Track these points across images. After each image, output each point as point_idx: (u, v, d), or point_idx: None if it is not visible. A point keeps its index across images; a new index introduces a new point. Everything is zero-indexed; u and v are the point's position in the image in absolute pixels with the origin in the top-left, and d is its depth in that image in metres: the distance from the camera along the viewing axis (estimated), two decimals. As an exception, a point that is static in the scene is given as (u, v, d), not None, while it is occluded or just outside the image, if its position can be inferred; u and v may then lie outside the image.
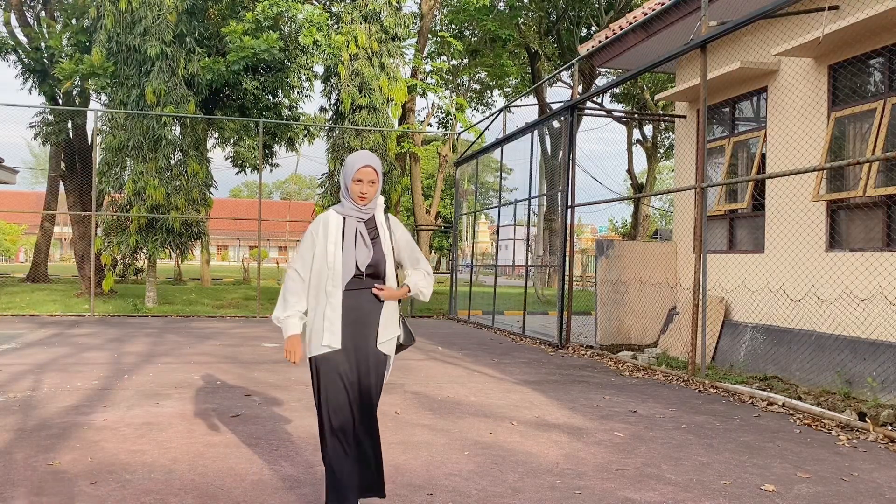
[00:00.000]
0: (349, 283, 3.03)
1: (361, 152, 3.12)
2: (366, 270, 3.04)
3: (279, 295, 3.14)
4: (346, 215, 3.12)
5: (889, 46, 6.33)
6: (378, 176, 3.09)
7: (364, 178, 3.06)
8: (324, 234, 3.10)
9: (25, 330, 10.38)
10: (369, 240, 3.08)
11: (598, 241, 10.44)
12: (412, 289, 3.19)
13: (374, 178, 3.08)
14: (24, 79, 18.42)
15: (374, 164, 3.09)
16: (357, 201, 3.08)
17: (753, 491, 3.76)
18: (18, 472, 3.75)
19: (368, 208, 3.12)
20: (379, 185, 3.12)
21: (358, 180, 3.06)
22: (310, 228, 3.16)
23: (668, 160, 30.66)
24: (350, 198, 3.11)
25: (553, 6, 21.41)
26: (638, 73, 8.88)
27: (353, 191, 3.08)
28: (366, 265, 3.04)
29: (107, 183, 13.91)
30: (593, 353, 9.31)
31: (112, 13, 13.79)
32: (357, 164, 3.06)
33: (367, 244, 3.07)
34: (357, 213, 3.10)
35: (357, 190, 3.07)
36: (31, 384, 6.18)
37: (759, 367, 7.40)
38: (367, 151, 3.17)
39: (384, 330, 3.11)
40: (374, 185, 3.09)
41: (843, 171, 6.86)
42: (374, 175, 3.07)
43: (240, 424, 4.90)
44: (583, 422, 5.28)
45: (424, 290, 3.20)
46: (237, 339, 9.89)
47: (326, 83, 15.94)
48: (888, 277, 6.13)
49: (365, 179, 3.06)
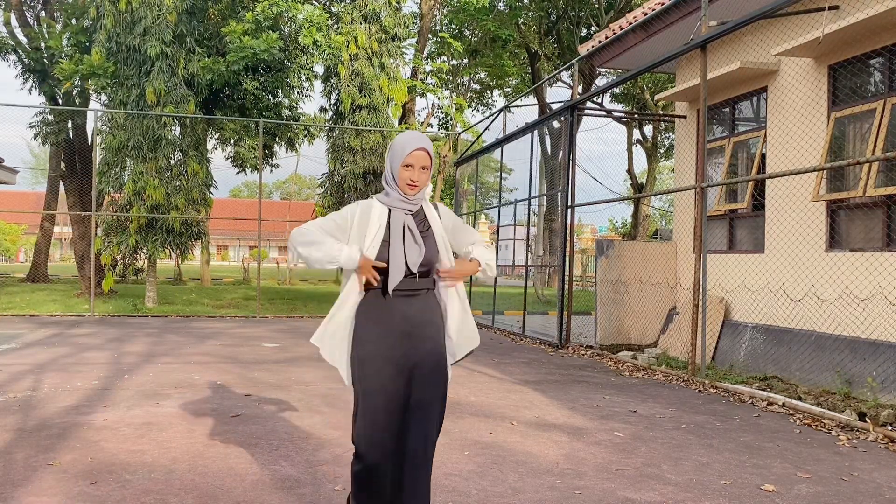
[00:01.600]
0: (400, 286, 2.60)
1: (412, 133, 2.68)
2: (418, 271, 2.63)
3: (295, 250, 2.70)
4: (392, 206, 2.67)
5: (889, 46, 6.33)
6: (431, 161, 2.66)
7: (416, 162, 2.62)
8: (360, 224, 2.67)
9: (25, 330, 10.38)
10: (419, 235, 2.66)
11: (598, 241, 10.44)
12: (481, 262, 2.75)
13: (427, 163, 2.64)
14: (24, 79, 18.44)
15: (428, 146, 2.65)
16: (405, 190, 2.65)
17: (753, 491, 3.76)
18: (18, 472, 3.75)
19: (417, 198, 2.69)
20: (430, 171, 2.69)
21: (408, 165, 2.62)
22: (345, 210, 2.74)
23: (668, 160, 30.66)
24: (396, 186, 2.67)
25: (553, 6, 21.41)
26: (638, 73, 8.88)
27: (402, 177, 2.64)
28: (417, 265, 2.62)
29: (107, 183, 13.91)
30: (593, 353, 9.31)
31: (112, 13, 13.79)
32: (409, 147, 2.62)
33: (418, 240, 2.64)
34: (404, 205, 2.66)
35: (407, 176, 2.63)
36: (31, 384, 6.18)
37: (759, 367, 7.40)
38: (417, 133, 2.73)
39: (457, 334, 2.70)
40: (427, 171, 2.65)
41: (843, 171, 6.86)
42: (426, 159, 2.64)
43: (240, 424, 4.90)
44: (583, 422, 5.28)
45: (492, 262, 2.78)
46: (237, 339, 9.89)
47: (326, 83, 15.95)
48: (888, 277, 6.13)
49: (417, 164, 2.62)
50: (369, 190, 15.05)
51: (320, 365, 7.70)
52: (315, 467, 3.95)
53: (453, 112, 21.28)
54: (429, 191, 2.76)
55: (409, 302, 2.64)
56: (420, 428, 2.60)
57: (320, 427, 4.87)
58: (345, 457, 4.15)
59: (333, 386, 6.46)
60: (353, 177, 14.94)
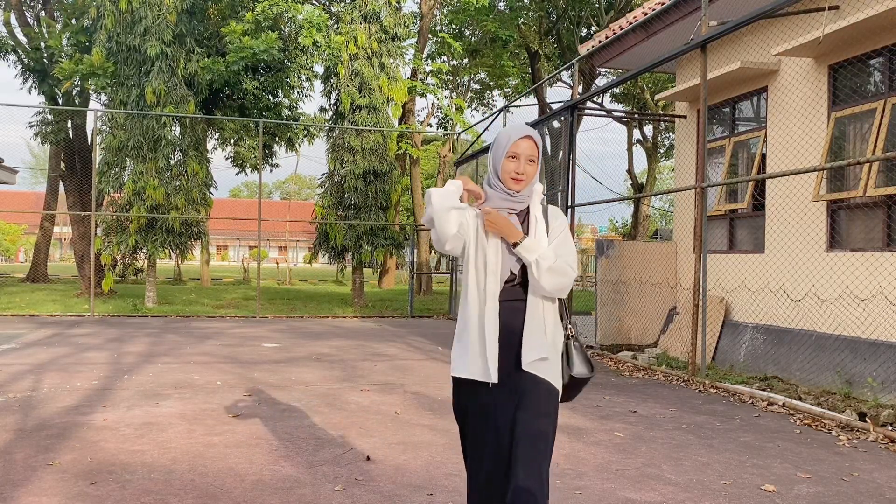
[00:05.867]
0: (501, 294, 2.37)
1: (518, 123, 2.45)
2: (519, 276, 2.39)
3: (438, 220, 2.38)
4: (494, 206, 2.43)
5: (889, 46, 6.33)
6: (539, 153, 2.40)
7: (521, 152, 2.37)
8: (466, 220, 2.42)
9: (25, 330, 10.38)
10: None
11: (598, 241, 10.44)
12: (528, 244, 2.34)
13: (535, 154, 2.38)
14: (24, 79, 18.44)
15: (536, 137, 2.39)
16: (509, 185, 2.39)
17: (753, 491, 3.75)
18: (18, 472, 3.75)
19: (523, 196, 2.42)
20: (538, 165, 2.42)
21: (512, 156, 2.37)
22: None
23: (668, 160, 30.67)
24: (500, 182, 2.41)
25: (553, 6, 21.40)
26: (638, 73, 8.88)
27: (506, 170, 2.38)
28: (519, 268, 2.39)
29: (106, 183, 13.91)
30: (593, 353, 9.31)
31: (112, 13, 13.80)
32: (515, 135, 2.38)
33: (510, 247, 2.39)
34: (507, 203, 2.41)
35: (511, 168, 2.37)
36: (31, 384, 6.17)
37: (760, 367, 7.40)
38: (524, 123, 2.48)
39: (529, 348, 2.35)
40: (534, 164, 2.39)
41: (843, 171, 6.85)
42: (534, 151, 2.38)
43: (240, 424, 4.90)
44: (583, 422, 5.27)
45: (542, 259, 2.32)
46: (237, 339, 9.89)
47: (326, 83, 15.94)
48: (888, 277, 6.13)
49: (523, 155, 2.37)
50: (369, 190, 15.05)
51: (320, 365, 7.70)
52: (315, 467, 3.95)
53: (452, 113, 21.28)
54: (540, 189, 2.48)
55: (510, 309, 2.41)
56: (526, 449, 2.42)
57: (320, 427, 4.87)
58: (345, 457, 4.15)
59: (333, 386, 6.46)
60: (353, 177, 14.93)
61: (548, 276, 2.32)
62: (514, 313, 2.38)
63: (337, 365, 7.73)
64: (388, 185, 15.33)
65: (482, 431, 2.40)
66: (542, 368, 2.37)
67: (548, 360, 2.38)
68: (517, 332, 2.37)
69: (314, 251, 16.06)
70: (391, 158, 15.73)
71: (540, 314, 2.38)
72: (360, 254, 15.21)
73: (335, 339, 10.28)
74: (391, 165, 15.54)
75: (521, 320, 2.37)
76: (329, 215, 15.26)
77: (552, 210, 2.49)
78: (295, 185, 73.40)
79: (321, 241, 15.60)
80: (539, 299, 2.39)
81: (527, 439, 2.31)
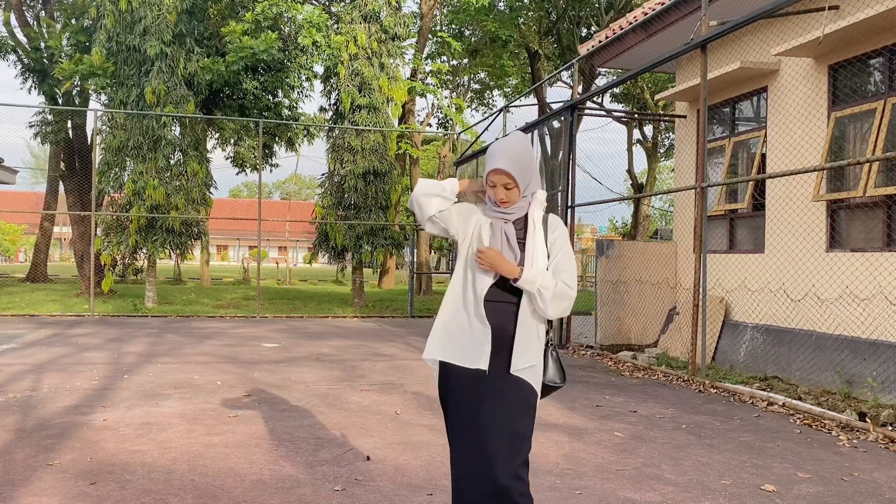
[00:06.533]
0: (489, 293, 2.46)
1: (498, 146, 2.50)
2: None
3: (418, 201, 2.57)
4: (489, 215, 2.56)
5: (889, 46, 6.33)
6: (514, 179, 2.45)
7: (497, 181, 2.47)
8: (466, 219, 2.57)
9: (25, 330, 10.38)
10: (516, 242, 2.50)
11: (598, 241, 10.44)
12: (525, 274, 2.41)
13: (510, 181, 2.45)
14: (24, 79, 18.43)
15: (506, 165, 2.44)
16: (497, 203, 2.53)
17: (753, 491, 3.75)
18: (18, 472, 3.75)
19: (514, 208, 2.52)
20: (520, 187, 2.48)
21: (490, 184, 2.50)
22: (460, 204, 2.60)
23: (668, 160, 30.66)
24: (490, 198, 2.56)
25: (553, 6, 21.40)
26: (638, 73, 8.88)
27: (489, 193, 2.54)
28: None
29: (106, 183, 13.91)
30: (593, 353, 9.31)
31: (112, 13, 13.79)
32: (488, 165, 2.48)
33: (514, 246, 2.48)
34: (500, 215, 2.53)
35: (491, 194, 2.52)
36: (31, 384, 6.17)
37: (760, 367, 7.40)
38: (505, 145, 2.50)
39: (519, 354, 2.44)
40: (511, 189, 2.47)
41: (843, 171, 6.85)
42: (508, 179, 2.45)
43: (240, 424, 4.90)
44: (583, 422, 5.27)
45: (544, 289, 2.41)
46: (237, 339, 9.89)
47: (326, 83, 15.94)
48: (888, 277, 6.13)
49: (499, 184, 2.47)
50: (369, 190, 15.05)
51: (320, 365, 7.70)
52: (315, 467, 3.95)
53: (452, 113, 21.28)
54: (541, 197, 2.56)
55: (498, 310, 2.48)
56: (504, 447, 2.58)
57: (320, 427, 4.87)
58: (345, 457, 4.15)
59: (333, 386, 6.46)
60: (353, 177, 14.93)
61: (552, 304, 2.43)
62: (501, 314, 2.47)
63: (337, 365, 7.73)
64: (388, 185, 15.33)
65: (464, 423, 2.52)
66: (527, 372, 2.47)
67: (534, 366, 2.49)
68: (507, 335, 2.45)
69: (314, 251, 16.06)
70: (391, 158, 15.73)
71: (534, 322, 2.48)
72: (359, 254, 15.20)
73: (335, 339, 10.28)
74: (391, 165, 15.54)
75: (509, 322, 2.46)
76: (329, 215, 15.26)
77: (552, 219, 2.57)
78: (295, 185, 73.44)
79: (321, 241, 15.61)
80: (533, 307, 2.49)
81: (508, 439, 2.42)
